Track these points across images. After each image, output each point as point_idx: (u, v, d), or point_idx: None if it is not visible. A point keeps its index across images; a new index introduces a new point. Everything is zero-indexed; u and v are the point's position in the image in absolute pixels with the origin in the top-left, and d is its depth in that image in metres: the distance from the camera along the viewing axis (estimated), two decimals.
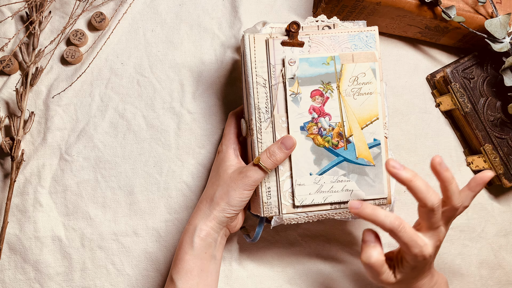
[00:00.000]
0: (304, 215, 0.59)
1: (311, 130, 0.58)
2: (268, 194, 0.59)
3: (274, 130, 0.58)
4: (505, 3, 0.67)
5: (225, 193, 0.58)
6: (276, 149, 0.56)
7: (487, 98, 0.68)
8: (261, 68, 0.58)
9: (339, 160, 0.58)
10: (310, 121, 0.58)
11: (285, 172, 0.59)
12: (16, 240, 0.68)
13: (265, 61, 0.58)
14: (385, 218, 0.51)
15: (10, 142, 0.68)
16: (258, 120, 0.58)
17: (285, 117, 0.58)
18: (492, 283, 0.71)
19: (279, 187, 0.59)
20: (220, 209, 0.58)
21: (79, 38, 0.70)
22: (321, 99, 0.58)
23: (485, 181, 0.55)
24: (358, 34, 0.59)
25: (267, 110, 0.58)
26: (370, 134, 0.59)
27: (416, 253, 0.52)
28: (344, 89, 0.58)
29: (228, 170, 0.60)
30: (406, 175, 0.50)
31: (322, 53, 0.58)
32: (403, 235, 0.51)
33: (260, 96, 0.58)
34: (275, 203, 0.59)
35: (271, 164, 0.56)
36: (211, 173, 0.63)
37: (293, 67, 0.58)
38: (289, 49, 0.58)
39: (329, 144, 0.58)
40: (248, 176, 0.57)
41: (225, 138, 0.63)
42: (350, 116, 0.58)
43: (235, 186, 0.57)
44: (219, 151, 0.63)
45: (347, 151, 0.59)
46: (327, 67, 0.58)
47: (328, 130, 0.58)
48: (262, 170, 0.57)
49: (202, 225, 0.58)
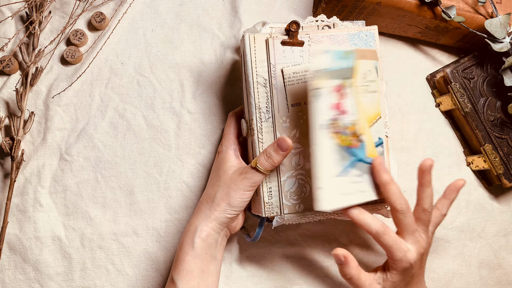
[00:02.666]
0: (307, 215, 0.59)
1: (333, 128, 0.54)
2: (269, 194, 0.58)
3: (275, 130, 0.58)
4: (505, 3, 0.67)
5: (226, 194, 0.58)
6: (272, 152, 0.56)
7: (487, 98, 0.68)
8: (261, 68, 0.58)
9: (354, 160, 0.55)
10: (332, 119, 0.53)
11: (286, 172, 0.58)
12: (16, 240, 0.68)
13: (265, 60, 0.58)
14: (371, 221, 0.54)
15: (10, 142, 0.68)
16: (259, 120, 0.58)
17: (286, 116, 0.58)
18: (492, 283, 0.71)
19: (280, 187, 0.58)
20: (221, 210, 0.58)
21: (79, 38, 0.70)
22: (341, 95, 0.54)
23: (458, 188, 0.59)
24: (358, 33, 0.59)
25: (268, 110, 0.58)
26: (375, 133, 0.57)
27: (400, 258, 0.54)
28: (358, 85, 0.56)
29: (228, 171, 0.60)
30: (386, 178, 0.54)
31: (337, 47, 0.57)
32: (387, 239, 0.54)
33: (261, 96, 0.58)
34: (277, 203, 0.58)
35: (269, 166, 0.56)
36: (211, 174, 0.63)
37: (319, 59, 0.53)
38: (289, 48, 0.58)
39: (347, 143, 0.55)
40: (248, 178, 0.57)
41: (225, 139, 0.63)
42: (362, 114, 0.56)
43: (236, 187, 0.57)
44: (219, 151, 0.63)
45: (360, 150, 0.55)
46: (344, 62, 0.54)
47: (345, 129, 0.55)
48: (261, 172, 0.57)
49: (203, 226, 0.58)
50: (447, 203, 0.60)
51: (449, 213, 0.71)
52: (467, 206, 0.72)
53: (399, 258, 0.54)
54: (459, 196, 0.71)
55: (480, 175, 0.72)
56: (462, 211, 0.71)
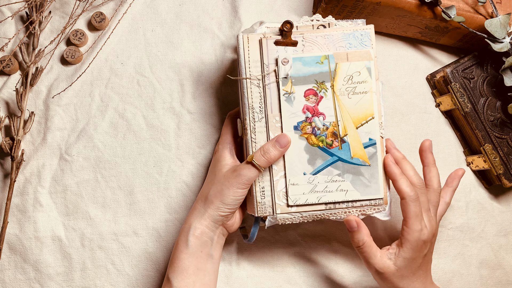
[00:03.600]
0: (299, 215, 0.59)
1: (305, 130, 0.58)
2: (262, 194, 0.59)
3: (268, 130, 0.58)
4: (505, 3, 0.67)
5: (219, 192, 0.58)
6: (270, 147, 0.57)
7: (487, 98, 0.68)
8: (254, 68, 0.58)
9: (334, 160, 0.58)
10: (304, 121, 0.58)
11: (279, 172, 0.58)
12: (16, 240, 0.68)
13: (258, 60, 0.58)
14: (407, 183, 0.57)
15: (10, 142, 0.68)
16: (252, 119, 0.58)
17: (278, 116, 0.58)
18: (492, 283, 0.71)
19: (273, 186, 0.59)
20: (214, 207, 0.58)
21: (79, 38, 0.70)
22: (315, 98, 0.58)
23: (459, 176, 0.64)
24: (353, 32, 0.59)
25: (261, 109, 0.58)
26: (365, 133, 0.59)
27: (418, 229, 0.56)
28: (338, 88, 0.58)
29: (223, 169, 0.60)
30: (398, 155, 0.60)
31: (316, 52, 0.58)
32: (415, 206, 0.56)
33: (254, 95, 0.58)
34: (269, 203, 0.59)
35: (265, 162, 0.57)
36: (208, 173, 0.64)
37: (286, 67, 0.58)
38: (282, 48, 0.58)
39: (323, 144, 0.58)
40: (241, 175, 0.57)
41: (221, 138, 0.63)
42: (345, 115, 0.58)
43: (229, 184, 0.57)
44: (216, 150, 0.64)
45: (342, 151, 0.58)
46: (321, 66, 0.58)
47: (322, 130, 0.58)
48: (256, 168, 0.57)
49: (196, 224, 0.58)
50: (450, 191, 0.63)
51: (449, 213, 0.71)
52: (467, 206, 0.71)
53: (417, 229, 0.56)
54: (459, 196, 0.71)
55: (480, 175, 0.72)
56: (462, 211, 0.71)
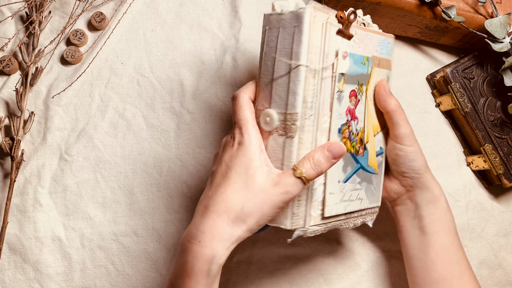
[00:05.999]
0: (324, 226, 0.52)
1: (344, 134, 0.51)
2: (298, 203, 0.49)
3: (316, 130, 0.48)
4: (505, 3, 0.67)
5: (258, 210, 0.46)
6: (321, 158, 0.46)
7: (487, 98, 0.68)
8: (314, 55, 0.47)
9: (357, 168, 0.53)
10: (345, 124, 0.51)
11: (319, 179, 0.50)
12: (16, 240, 0.68)
13: (319, 47, 0.47)
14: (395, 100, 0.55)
15: (10, 142, 0.68)
16: (302, 116, 0.47)
17: (328, 116, 0.49)
18: (492, 283, 0.71)
19: (310, 196, 0.50)
20: (246, 228, 0.46)
21: (79, 38, 0.70)
22: (355, 101, 0.52)
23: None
24: (385, 39, 0.56)
25: (313, 105, 0.48)
26: (378, 142, 0.56)
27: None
28: (369, 93, 0.54)
29: (256, 177, 0.46)
30: None
31: (362, 51, 0.52)
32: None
33: (309, 88, 0.47)
34: (302, 214, 0.49)
35: (314, 176, 0.46)
36: (230, 173, 0.48)
37: (345, 61, 0.50)
38: (340, 39, 0.50)
39: (354, 150, 0.53)
40: (288, 192, 0.45)
41: (244, 126, 0.48)
42: (369, 122, 0.54)
43: (272, 204, 0.46)
44: (240, 142, 0.48)
45: (363, 158, 0.54)
46: (363, 68, 0.52)
47: (355, 135, 0.52)
48: (304, 183, 0.46)
49: (222, 250, 0.46)
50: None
51: None
52: (467, 206, 0.71)
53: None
54: (459, 196, 0.71)
55: (480, 175, 0.72)
56: (462, 211, 0.71)
